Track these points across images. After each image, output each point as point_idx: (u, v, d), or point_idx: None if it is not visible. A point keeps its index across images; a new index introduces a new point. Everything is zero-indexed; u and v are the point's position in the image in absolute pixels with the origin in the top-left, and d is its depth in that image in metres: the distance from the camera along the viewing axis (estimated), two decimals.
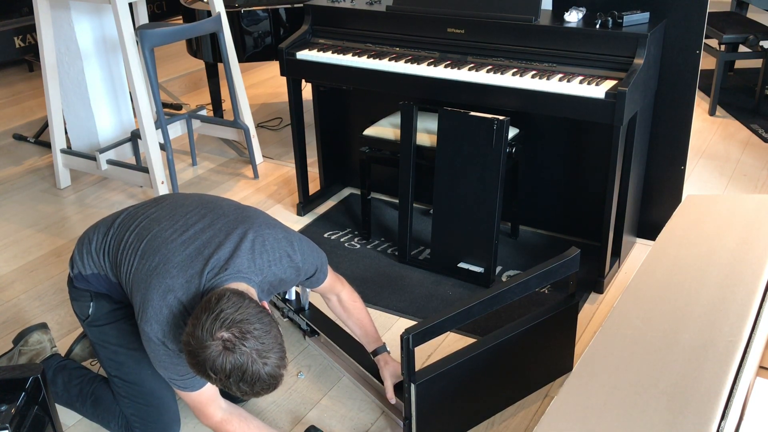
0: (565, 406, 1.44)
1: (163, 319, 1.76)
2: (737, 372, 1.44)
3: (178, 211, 1.96)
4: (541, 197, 3.11)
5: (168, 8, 6.21)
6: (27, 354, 2.28)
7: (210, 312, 1.61)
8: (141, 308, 1.79)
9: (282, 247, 1.90)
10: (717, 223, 2.02)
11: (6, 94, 5.14)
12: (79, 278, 2.03)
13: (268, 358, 1.61)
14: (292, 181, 3.70)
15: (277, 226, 1.95)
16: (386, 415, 2.19)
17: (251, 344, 1.59)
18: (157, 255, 1.84)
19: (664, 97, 2.78)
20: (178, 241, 1.85)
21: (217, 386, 1.65)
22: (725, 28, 4.40)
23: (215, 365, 1.58)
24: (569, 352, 2.31)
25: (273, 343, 1.63)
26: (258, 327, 1.62)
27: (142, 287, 1.81)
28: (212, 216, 1.93)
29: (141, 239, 1.90)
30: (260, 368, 1.60)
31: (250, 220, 1.92)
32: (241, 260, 1.80)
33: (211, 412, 1.90)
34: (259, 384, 1.62)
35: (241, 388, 1.61)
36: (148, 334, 1.77)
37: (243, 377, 1.59)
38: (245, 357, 1.58)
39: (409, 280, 2.84)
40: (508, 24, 2.66)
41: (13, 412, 1.67)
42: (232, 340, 1.58)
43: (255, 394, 1.65)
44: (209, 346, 1.58)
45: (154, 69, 3.26)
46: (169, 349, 1.78)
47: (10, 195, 3.68)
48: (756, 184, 3.51)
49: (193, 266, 1.79)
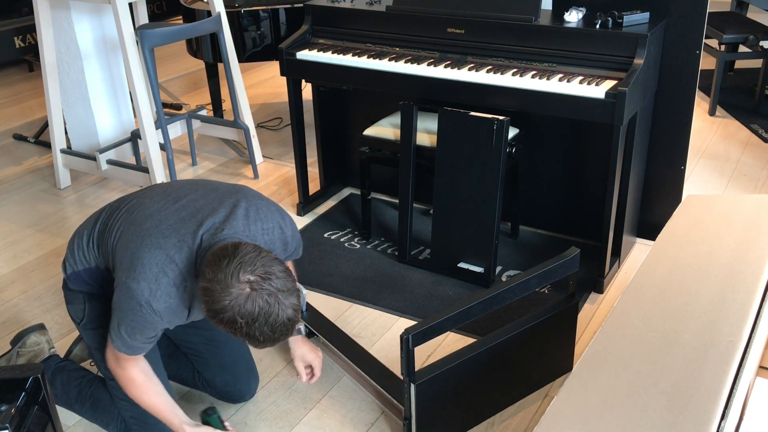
0: (565, 406, 1.44)
1: (153, 277, 1.74)
2: (737, 372, 1.44)
3: (170, 187, 1.98)
4: (541, 197, 3.11)
5: (168, 8, 6.21)
6: (25, 355, 2.28)
7: (231, 257, 1.62)
8: (129, 267, 1.77)
9: (275, 218, 1.90)
10: (717, 223, 2.02)
11: (6, 94, 5.14)
12: (72, 278, 2.03)
13: (289, 300, 1.64)
14: (292, 181, 3.70)
15: (269, 200, 1.96)
16: (386, 415, 2.19)
17: (276, 284, 1.62)
18: (149, 220, 1.83)
19: (664, 97, 2.78)
20: (171, 209, 1.85)
21: (237, 334, 1.65)
22: (725, 28, 4.40)
23: (243, 309, 1.59)
24: (569, 352, 2.31)
25: (293, 286, 1.67)
26: (279, 269, 1.65)
27: (131, 247, 1.79)
28: (204, 189, 1.93)
29: (131, 212, 1.90)
30: (284, 310, 1.62)
31: (243, 192, 1.93)
32: (237, 223, 1.81)
33: (129, 366, 1.90)
34: (280, 328, 1.64)
35: (264, 333, 1.62)
36: (134, 291, 1.74)
37: (268, 320, 1.61)
38: (273, 299, 1.61)
39: (409, 280, 2.84)
40: (508, 24, 2.66)
41: (13, 412, 1.66)
42: (258, 281, 1.60)
43: (272, 341, 1.66)
44: (235, 287, 1.59)
45: (154, 69, 3.26)
46: (151, 310, 1.75)
47: (10, 195, 3.68)
48: (756, 184, 3.51)
49: (186, 227, 1.79)
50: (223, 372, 2.19)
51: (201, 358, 2.21)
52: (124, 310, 1.78)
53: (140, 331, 1.80)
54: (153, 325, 1.79)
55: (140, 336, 1.80)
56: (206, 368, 2.21)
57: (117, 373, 1.93)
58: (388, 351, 2.46)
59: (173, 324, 1.85)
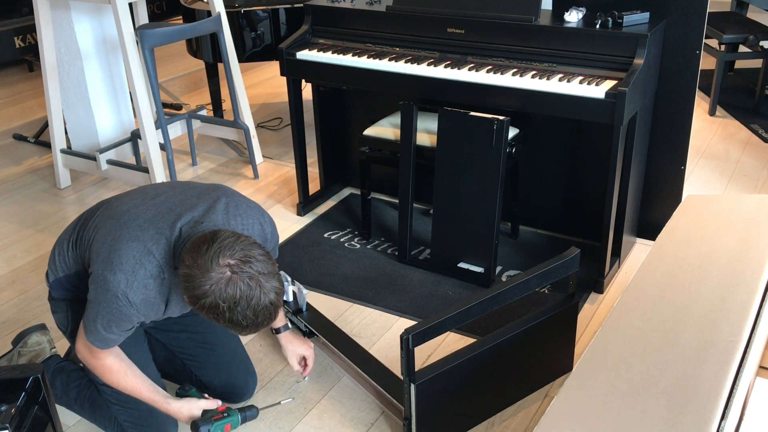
0: (565, 406, 1.44)
1: (130, 268, 1.73)
2: (737, 372, 1.44)
3: (148, 186, 1.99)
4: (541, 197, 3.11)
5: (168, 8, 6.22)
6: (26, 355, 2.28)
7: (210, 243, 1.62)
8: (106, 259, 1.76)
9: (254, 215, 1.90)
10: (717, 223, 2.02)
11: (6, 94, 5.13)
12: (54, 286, 2.03)
13: (271, 283, 1.64)
14: (292, 181, 3.70)
15: (249, 198, 1.96)
16: (386, 415, 2.19)
17: (257, 267, 1.62)
18: (126, 215, 1.83)
19: (664, 97, 2.78)
20: (149, 204, 1.85)
21: (220, 321, 1.65)
22: (725, 28, 4.40)
23: (224, 293, 1.59)
24: (569, 352, 2.31)
25: (274, 269, 1.67)
26: (260, 253, 1.65)
27: (108, 240, 1.79)
28: (183, 187, 1.94)
29: (108, 209, 1.91)
30: (266, 294, 1.62)
31: (222, 189, 1.93)
32: (217, 217, 1.81)
33: (103, 356, 1.90)
34: (262, 313, 1.63)
35: (247, 317, 1.62)
36: (110, 283, 1.73)
37: (250, 304, 1.61)
38: (254, 282, 1.61)
39: (409, 280, 2.84)
40: (508, 24, 2.66)
41: (13, 412, 1.66)
42: (239, 265, 1.60)
43: (256, 326, 1.66)
44: (215, 273, 1.59)
45: (154, 69, 3.26)
46: (127, 302, 1.74)
47: (10, 195, 3.68)
48: (756, 184, 3.51)
49: (164, 220, 1.79)
50: (219, 373, 2.19)
51: (196, 362, 2.21)
52: (99, 302, 1.78)
53: (116, 324, 1.79)
54: (129, 317, 1.78)
55: (116, 329, 1.80)
56: (203, 371, 2.20)
57: (92, 363, 1.92)
58: (388, 351, 2.46)
59: (149, 318, 1.83)
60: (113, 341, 1.85)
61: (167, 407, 1.96)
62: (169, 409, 1.96)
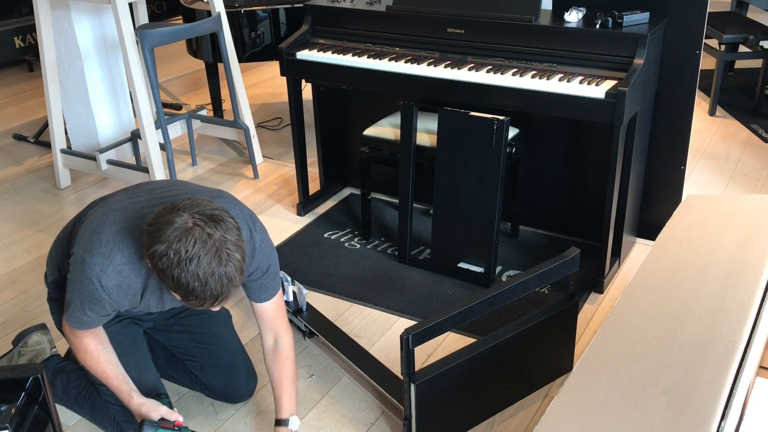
0: (565, 406, 1.44)
1: (107, 252, 1.71)
2: (737, 372, 1.44)
3: (144, 183, 1.98)
4: (541, 197, 3.11)
5: (168, 8, 6.22)
6: (27, 355, 2.28)
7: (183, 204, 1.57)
8: (87, 241, 1.74)
9: (245, 219, 1.85)
10: (717, 223, 2.02)
11: (6, 94, 5.14)
12: (52, 287, 2.04)
13: (232, 253, 1.56)
14: (292, 181, 3.70)
15: (246, 207, 1.92)
16: (386, 415, 2.19)
17: (221, 232, 1.55)
18: (116, 204, 1.82)
19: (664, 97, 2.78)
20: (143, 198, 1.84)
21: (167, 281, 1.56)
22: (725, 28, 4.40)
23: (178, 243, 1.51)
24: (569, 352, 2.31)
25: (240, 244, 1.59)
26: (231, 223, 1.59)
27: (93, 225, 1.78)
28: (180, 186, 1.93)
29: (103, 200, 1.91)
30: (223, 262, 1.54)
31: (218, 191, 1.92)
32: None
33: (84, 335, 1.88)
34: (214, 281, 1.54)
35: (196, 278, 1.52)
36: (86, 264, 1.72)
37: (201, 263, 1.51)
38: (212, 242, 1.53)
39: (409, 280, 2.84)
40: (508, 24, 2.66)
41: (13, 412, 1.66)
42: (204, 220, 1.54)
43: (203, 296, 1.56)
44: (177, 220, 1.53)
45: (154, 69, 3.26)
46: (99, 285, 1.72)
47: (10, 195, 3.68)
48: (756, 184, 3.51)
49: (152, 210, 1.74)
50: (219, 374, 2.19)
51: (196, 362, 2.20)
52: (75, 283, 1.77)
53: (89, 307, 1.77)
54: (101, 301, 1.75)
55: (89, 312, 1.78)
56: (203, 371, 2.20)
57: (71, 340, 1.92)
58: (388, 351, 2.46)
59: (123, 305, 1.81)
60: (88, 323, 1.83)
61: (129, 400, 1.92)
62: (131, 402, 1.91)
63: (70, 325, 1.86)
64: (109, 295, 1.74)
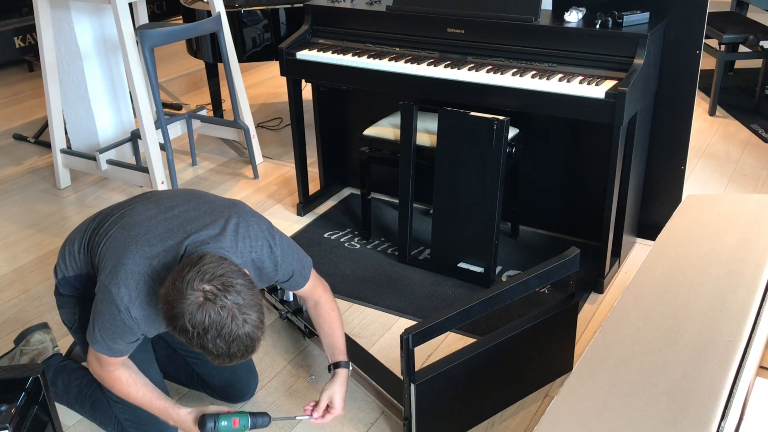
0: (565, 406, 1.44)
1: (134, 284, 1.73)
2: (737, 372, 1.44)
3: (163, 196, 1.97)
4: (541, 197, 3.11)
5: (168, 8, 6.21)
6: (29, 354, 2.28)
7: (192, 266, 1.60)
8: (112, 271, 1.76)
9: (264, 236, 1.88)
10: (717, 223, 2.02)
11: (6, 94, 5.14)
12: (63, 283, 2.03)
13: (248, 315, 1.60)
14: (292, 181, 3.70)
15: (262, 218, 1.94)
16: (386, 415, 2.19)
17: (233, 298, 1.58)
18: (137, 227, 1.83)
19: (664, 97, 2.78)
20: (161, 218, 1.85)
21: (193, 345, 1.61)
22: (725, 28, 4.40)
23: (194, 318, 1.56)
24: (569, 352, 2.31)
25: (254, 302, 1.62)
26: (240, 283, 1.61)
27: (117, 252, 1.79)
28: (198, 201, 1.93)
29: (122, 218, 1.91)
30: (240, 325, 1.58)
31: (236, 207, 1.92)
32: (225, 240, 1.80)
33: (111, 369, 1.90)
34: (237, 343, 1.59)
35: (218, 346, 1.58)
36: (114, 296, 1.74)
37: (221, 333, 1.57)
38: (225, 311, 1.57)
39: (409, 280, 2.84)
40: (508, 24, 2.66)
41: (13, 412, 1.66)
42: (213, 291, 1.57)
43: (230, 357, 1.62)
44: (189, 296, 1.56)
45: (154, 69, 3.26)
46: (129, 315, 1.74)
47: (10, 195, 3.68)
48: (756, 184, 3.51)
49: (173, 238, 1.78)
50: (221, 372, 2.19)
51: (199, 360, 2.21)
52: (102, 313, 1.78)
53: (120, 336, 1.80)
54: (131, 330, 1.78)
55: (120, 340, 1.80)
56: (204, 369, 2.20)
57: (101, 375, 1.93)
58: (388, 351, 2.46)
59: (151, 333, 1.84)
60: (119, 351, 1.85)
61: (177, 411, 1.92)
62: (179, 412, 1.92)
63: (102, 358, 1.86)
64: (138, 324, 1.77)
